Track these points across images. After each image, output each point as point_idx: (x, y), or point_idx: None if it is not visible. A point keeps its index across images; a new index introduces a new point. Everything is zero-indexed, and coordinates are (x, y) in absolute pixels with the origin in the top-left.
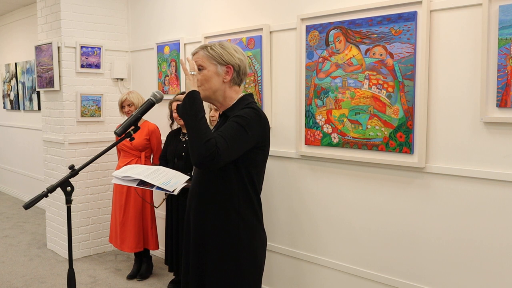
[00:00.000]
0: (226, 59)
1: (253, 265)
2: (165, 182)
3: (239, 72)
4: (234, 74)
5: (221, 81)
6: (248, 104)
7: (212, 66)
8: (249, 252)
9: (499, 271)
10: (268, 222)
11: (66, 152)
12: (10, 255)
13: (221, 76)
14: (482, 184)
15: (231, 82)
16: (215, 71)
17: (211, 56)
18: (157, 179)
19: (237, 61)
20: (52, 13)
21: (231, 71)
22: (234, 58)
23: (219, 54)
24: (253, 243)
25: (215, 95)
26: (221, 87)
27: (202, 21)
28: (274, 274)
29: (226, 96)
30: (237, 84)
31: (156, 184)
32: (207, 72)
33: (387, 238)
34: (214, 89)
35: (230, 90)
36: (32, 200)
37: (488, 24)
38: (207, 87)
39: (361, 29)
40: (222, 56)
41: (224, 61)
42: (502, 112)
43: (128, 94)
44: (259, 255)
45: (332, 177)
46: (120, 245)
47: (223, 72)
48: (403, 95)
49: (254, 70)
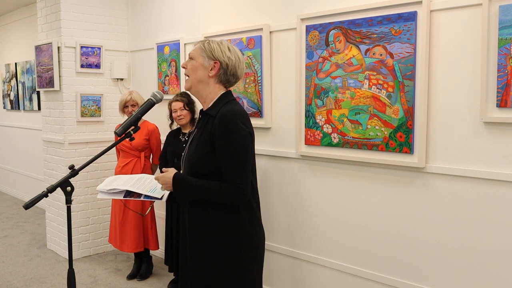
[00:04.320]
0: (216, 54)
1: (256, 260)
2: (152, 190)
3: (226, 70)
4: (221, 71)
5: (206, 75)
6: (227, 103)
7: (201, 58)
8: (252, 247)
9: (498, 270)
10: (267, 221)
11: (66, 152)
12: (10, 255)
13: (207, 69)
14: (482, 184)
15: (216, 78)
16: (202, 63)
17: (203, 49)
18: (143, 188)
19: (226, 59)
20: (52, 13)
21: (217, 67)
22: (223, 56)
23: (211, 48)
24: (255, 239)
25: (199, 85)
26: (206, 79)
27: (202, 21)
28: (273, 274)
29: (210, 90)
30: (223, 83)
31: (143, 193)
32: (194, 62)
33: (386, 238)
34: (198, 79)
35: (214, 86)
36: (32, 200)
37: (488, 24)
38: (192, 77)
39: (361, 29)
40: (213, 51)
41: (213, 56)
42: (502, 112)
43: (131, 94)
44: (260, 250)
45: (332, 177)
46: (120, 245)
47: (210, 66)
48: (403, 95)
49: (254, 70)
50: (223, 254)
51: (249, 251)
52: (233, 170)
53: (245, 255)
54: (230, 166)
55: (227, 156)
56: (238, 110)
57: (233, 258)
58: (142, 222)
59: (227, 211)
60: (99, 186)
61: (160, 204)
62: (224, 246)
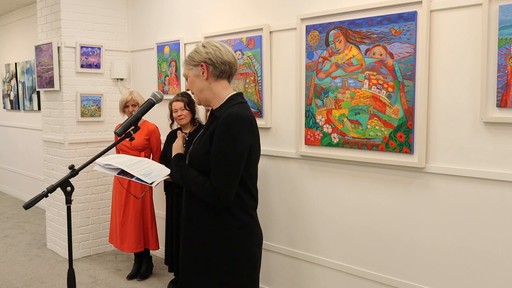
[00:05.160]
0: (197, 59)
1: (247, 265)
2: (145, 174)
3: (214, 64)
4: (210, 68)
5: (203, 81)
6: (234, 105)
7: (191, 71)
8: (242, 253)
9: (498, 270)
10: (267, 221)
11: (66, 152)
12: (10, 255)
13: (200, 76)
14: (482, 184)
15: (212, 77)
16: (194, 74)
17: (187, 63)
18: (137, 170)
19: (205, 55)
20: (52, 13)
21: (205, 67)
22: (201, 55)
23: (191, 58)
24: (247, 243)
25: (203, 94)
26: (205, 85)
27: (202, 21)
28: (272, 274)
29: (214, 92)
30: (221, 78)
31: (135, 174)
32: (190, 78)
33: (386, 238)
34: (199, 88)
35: (215, 85)
36: (32, 200)
37: (488, 24)
38: (194, 91)
39: (361, 29)
40: (192, 58)
41: (195, 61)
42: (502, 112)
43: (132, 94)
44: (254, 254)
45: (332, 177)
46: (120, 246)
47: (200, 71)
48: (403, 95)
49: (254, 70)
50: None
51: (241, 259)
52: (218, 173)
53: (237, 262)
54: (217, 167)
55: (217, 158)
56: (244, 114)
57: (224, 263)
58: (142, 222)
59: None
60: (98, 160)
61: (160, 204)
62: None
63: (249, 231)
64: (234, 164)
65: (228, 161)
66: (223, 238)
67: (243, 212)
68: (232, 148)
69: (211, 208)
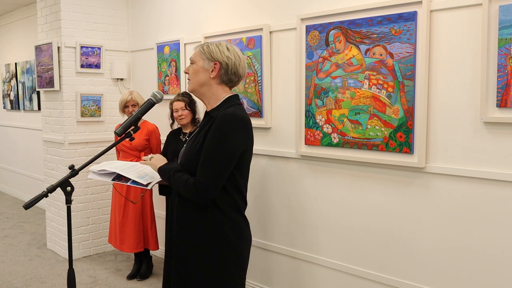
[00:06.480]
0: (215, 55)
1: (237, 263)
2: (140, 176)
3: (227, 70)
4: (221, 71)
5: (208, 76)
6: (231, 107)
7: (201, 61)
8: (234, 251)
9: (498, 270)
10: (267, 221)
11: (66, 152)
12: (10, 255)
13: (208, 71)
14: (482, 184)
15: (218, 78)
16: (203, 66)
17: (202, 52)
18: (132, 173)
19: (225, 58)
20: (52, 13)
21: (218, 67)
22: (222, 56)
23: (210, 50)
24: (239, 242)
25: (202, 89)
26: (208, 81)
27: (202, 21)
28: (272, 274)
29: (213, 92)
30: (226, 84)
31: (131, 177)
32: (195, 66)
33: (386, 238)
34: (200, 82)
35: (217, 87)
36: (32, 200)
37: (488, 24)
38: (194, 80)
39: (361, 29)
40: (211, 52)
41: (212, 57)
42: (502, 112)
43: (132, 94)
44: (244, 253)
45: (332, 177)
46: (120, 246)
47: (210, 67)
48: (403, 95)
49: (254, 70)
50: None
51: (232, 257)
52: (204, 167)
53: (228, 260)
54: (204, 162)
55: (207, 154)
56: (239, 115)
57: (215, 260)
58: (142, 222)
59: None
60: (92, 167)
61: (160, 204)
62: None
63: (240, 231)
64: (222, 162)
65: (217, 158)
66: (215, 236)
67: (236, 212)
68: (223, 146)
69: (204, 208)
